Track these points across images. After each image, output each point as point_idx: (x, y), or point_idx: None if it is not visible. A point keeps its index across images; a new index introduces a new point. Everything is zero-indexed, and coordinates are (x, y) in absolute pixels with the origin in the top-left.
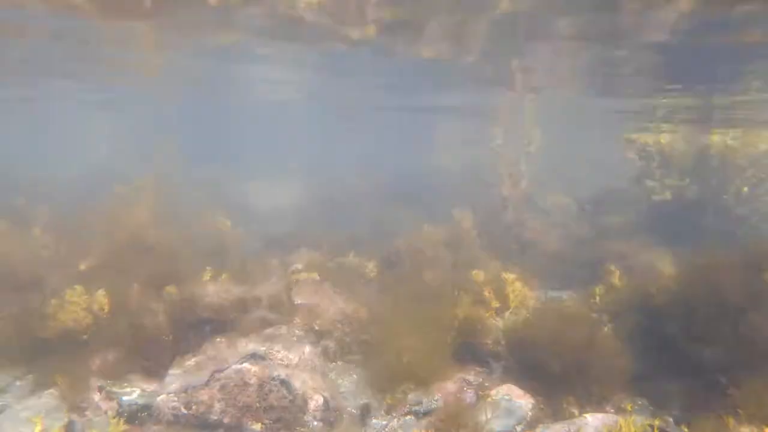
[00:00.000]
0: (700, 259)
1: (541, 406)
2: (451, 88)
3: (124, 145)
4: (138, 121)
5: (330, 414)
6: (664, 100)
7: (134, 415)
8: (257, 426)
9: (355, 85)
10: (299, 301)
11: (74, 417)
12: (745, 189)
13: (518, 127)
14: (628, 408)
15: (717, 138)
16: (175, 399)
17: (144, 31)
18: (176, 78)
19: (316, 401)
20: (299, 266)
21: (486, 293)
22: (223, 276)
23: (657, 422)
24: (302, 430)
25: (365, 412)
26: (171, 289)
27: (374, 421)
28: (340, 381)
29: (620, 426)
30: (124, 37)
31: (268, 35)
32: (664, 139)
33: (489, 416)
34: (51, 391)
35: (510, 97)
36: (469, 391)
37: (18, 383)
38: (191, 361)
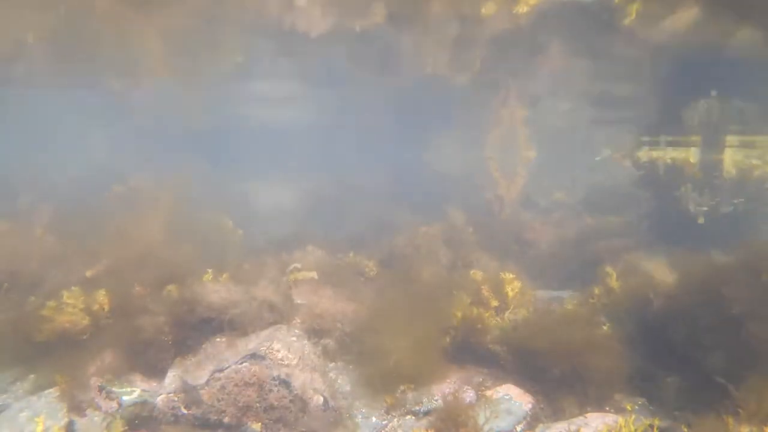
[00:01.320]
0: (699, 261)
1: (541, 405)
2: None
3: (124, 146)
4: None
5: (330, 414)
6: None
7: (134, 415)
8: (257, 426)
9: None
10: (299, 301)
11: (74, 417)
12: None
13: (513, 135)
14: (628, 408)
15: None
16: (175, 399)
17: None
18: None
19: (316, 401)
20: (299, 266)
21: (485, 292)
22: (224, 276)
23: (657, 422)
24: (302, 429)
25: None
26: (171, 288)
27: (374, 420)
28: (339, 381)
29: (620, 426)
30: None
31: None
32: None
33: (488, 416)
34: (51, 391)
35: (504, 111)
36: (468, 390)
37: (18, 383)
38: (191, 361)
